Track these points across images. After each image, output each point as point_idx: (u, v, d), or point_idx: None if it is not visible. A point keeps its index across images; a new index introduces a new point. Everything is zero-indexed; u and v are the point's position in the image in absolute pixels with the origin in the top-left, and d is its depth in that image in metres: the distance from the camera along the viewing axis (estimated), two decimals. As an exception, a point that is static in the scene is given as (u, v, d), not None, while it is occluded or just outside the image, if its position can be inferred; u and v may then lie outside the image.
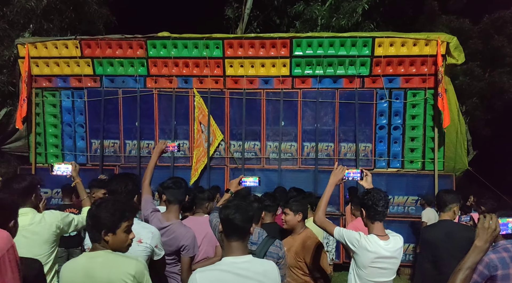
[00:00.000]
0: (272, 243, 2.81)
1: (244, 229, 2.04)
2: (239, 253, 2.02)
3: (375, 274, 2.71)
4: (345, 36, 6.91)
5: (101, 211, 2.03)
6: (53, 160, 7.58)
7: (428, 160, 6.95)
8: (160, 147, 3.48)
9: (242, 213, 2.03)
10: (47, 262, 2.60)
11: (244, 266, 1.99)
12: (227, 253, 2.05)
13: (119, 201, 2.14)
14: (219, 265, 2.03)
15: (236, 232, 2.03)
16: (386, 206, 2.74)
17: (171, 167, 7.25)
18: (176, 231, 2.93)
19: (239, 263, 1.99)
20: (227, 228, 2.06)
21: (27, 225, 2.54)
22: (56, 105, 7.56)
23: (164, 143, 3.49)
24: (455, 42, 6.61)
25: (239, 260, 2.00)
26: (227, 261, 2.01)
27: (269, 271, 2.03)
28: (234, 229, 2.03)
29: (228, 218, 2.03)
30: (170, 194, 3.05)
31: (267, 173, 7.11)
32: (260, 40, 6.94)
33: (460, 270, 1.80)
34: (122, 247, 2.08)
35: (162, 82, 7.31)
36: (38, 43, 7.26)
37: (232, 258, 2.01)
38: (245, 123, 7.22)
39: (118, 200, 2.16)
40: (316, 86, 7.05)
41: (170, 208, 3.07)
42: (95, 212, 2.05)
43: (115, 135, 7.50)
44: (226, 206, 2.14)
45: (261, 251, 2.74)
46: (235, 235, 2.03)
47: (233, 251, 2.03)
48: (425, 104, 6.90)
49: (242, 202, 2.11)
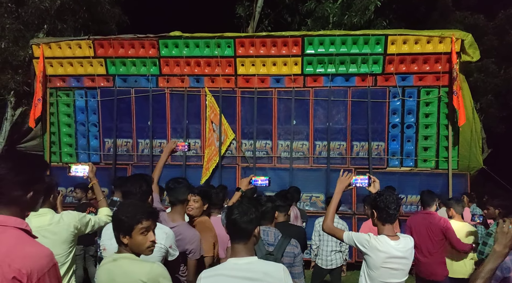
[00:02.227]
0: (288, 243, 2.83)
1: (246, 231, 2.04)
2: (242, 254, 2.03)
3: (387, 275, 2.70)
4: (358, 34, 6.85)
5: (119, 214, 2.07)
6: (67, 159, 7.69)
7: (442, 159, 6.87)
8: (171, 146, 3.51)
9: (244, 215, 2.04)
10: (66, 261, 2.64)
11: (245, 267, 1.99)
12: (232, 254, 2.07)
13: (135, 204, 2.17)
14: (222, 266, 2.06)
15: (239, 234, 2.04)
16: (398, 209, 2.74)
17: (183, 166, 7.29)
18: (183, 233, 2.93)
19: (241, 264, 2.00)
20: (231, 230, 2.08)
21: (47, 225, 2.59)
22: (70, 104, 7.66)
23: (175, 142, 3.53)
24: (470, 39, 6.51)
25: (242, 261, 2.01)
26: (230, 262, 2.03)
27: (272, 271, 2.01)
28: (237, 231, 2.05)
29: (231, 220, 2.06)
30: (171, 194, 3.06)
31: (278, 172, 7.10)
32: (272, 39, 6.93)
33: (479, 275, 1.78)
34: (142, 250, 2.09)
35: (174, 82, 7.35)
36: (52, 43, 7.35)
37: (235, 259, 2.02)
38: (257, 122, 7.22)
39: (135, 203, 2.18)
40: (328, 84, 7.01)
41: (174, 209, 3.08)
42: (114, 215, 2.10)
43: (128, 135, 7.56)
44: (230, 208, 2.17)
45: (278, 251, 2.75)
46: (238, 237, 2.05)
47: (237, 252, 2.04)
48: (439, 102, 6.81)
49: (246, 204, 2.11)
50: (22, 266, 1.42)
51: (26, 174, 1.58)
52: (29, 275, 1.42)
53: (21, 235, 1.52)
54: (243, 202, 2.18)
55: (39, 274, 1.45)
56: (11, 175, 1.53)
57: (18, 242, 1.48)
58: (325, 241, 5.17)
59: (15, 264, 1.41)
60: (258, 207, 2.18)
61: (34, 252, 1.48)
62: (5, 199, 1.53)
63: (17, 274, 1.40)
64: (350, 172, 3.13)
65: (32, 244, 1.52)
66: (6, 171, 1.53)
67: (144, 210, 2.13)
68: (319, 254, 5.24)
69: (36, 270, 1.44)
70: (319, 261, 5.23)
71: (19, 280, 1.41)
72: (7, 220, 1.51)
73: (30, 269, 1.42)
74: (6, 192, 1.53)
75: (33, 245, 1.52)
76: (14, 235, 1.50)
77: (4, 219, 1.51)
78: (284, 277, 2.02)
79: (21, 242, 1.49)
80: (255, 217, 2.08)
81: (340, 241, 5.05)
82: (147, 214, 2.11)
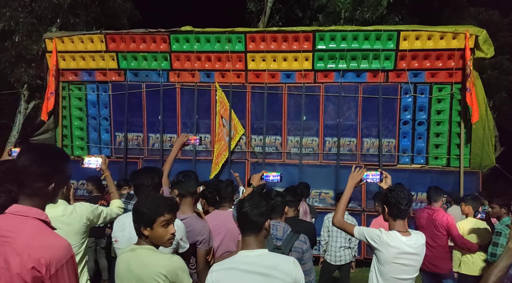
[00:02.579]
0: (297, 238, 2.83)
1: (257, 223, 2.06)
2: (253, 247, 2.05)
3: (398, 270, 2.69)
4: (370, 29, 6.79)
5: (140, 207, 2.10)
6: (78, 152, 7.78)
7: (454, 156, 6.80)
8: (182, 139, 3.49)
9: (255, 208, 2.06)
10: (78, 252, 2.68)
11: (254, 260, 2.00)
12: (243, 246, 2.10)
13: (157, 197, 2.20)
14: (233, 259, 2.08)
15: (250, 227, 2.07)
16: (409, 205, 2.72)
17: (193, 160, 7.32)
18: (193, 224, 2.96)
19: (251, 256, 2.02)
20: (242, 222, 2.10)
21: (60, 216, 2.63)
22: (82, 98, 7.74)
23: (186, 135, 3.52)
24: (484, 35, 6.41)
25: (252, 254, 2.03)
26: (241, 254, 2.06)
27: (281, 264, 2.02)
28: (248, 224, 2.07)
29: (242, 212, 2.08)
30: (181, 187, 3.10)
31: (287, 168, 7.10)
32: (282, 34, 6.90)
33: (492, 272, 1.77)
34: (162, 242, 2.13)
35: (185, 76, 7.37)
36: (65, 37, 7.43)
37: (246, 252, 2.05)
38: (267, 118, 7.22)
39: (157, 196, 2.22)
40: (339, 80, 6.97)
41: (184, 201, 3.11)
42: (135, 207, 2.12)
43: (139, 129, 7.63)
44: (241, 201, 2.19)
45: (286, 246, 2.76)
46: (249, 230, 2.07)
47: (247, 245, 2.07)
48: (451, 99, 6.74)
49: (257, 197, 2.14)
50: (42, 256, 1.45)
51: (48, 165, 1.60)
52: (47, 266, 1.45)
53: (41, 226, 1.55)
54: (254, 195, 2.20)
55: (57, 264, 1.48)
56: (34, 166, 1.56)
57: (38, 233, 1.51)
58: (334, 237, 5.17)
59: (35, 254, 1.44)
60: (269, 200, 2.18)
61: (53, 243, 1.51)
62: (28, 189, 1.56)
63: (36, 264, 1.44)
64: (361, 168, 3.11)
65: (52, 235, 1.55)
66: (29, 162, 1.55)
67: (167, 203, 2.17)
68: (328, 250, 5.24)
69: (55, 261, 1.47)
70: (328, 257, 5.23)
71: (38, 270, 1.44)
72: (28, 211, 1.54)
73: (49, 260, 1.45)
74: (29, 183, 1.55)
75: (52, 236, 1.55)
76: (34, 226, 1.53)
77: (25, 210, 1.54)
78: (294, 269, 2.03)
79: (41, 233, 1.52)
80: (266, 210, 2.10)
81: (349, 238, 5.08)
82: (169, 207, 2.14)
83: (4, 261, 1.44)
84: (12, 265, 1.43)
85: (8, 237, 1.47)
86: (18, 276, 1.43)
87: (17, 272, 1.43)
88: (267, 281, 1.97)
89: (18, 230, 1.49)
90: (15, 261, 1.43)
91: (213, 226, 3.48)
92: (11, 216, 1.53)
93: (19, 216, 1.53)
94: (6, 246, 1.46)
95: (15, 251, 1.44)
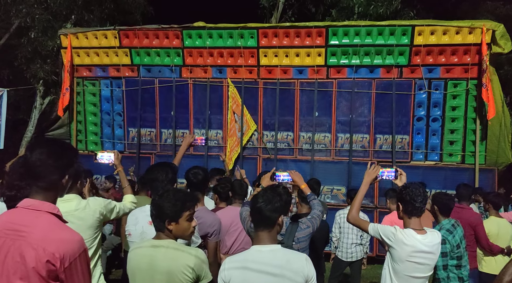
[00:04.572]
0: (297, 228, 2.81)
1: (271, 218, 2.08)
2: (266, 242, 2.07)
3: (412, 269, 2.67)
4: (383, 24, 6.71)
5: (164, 201, 2.11)
6: (92, 147, 7.89)
7: (469, 153, 6.69)
8: (188, 139, 3.64)
9: (269, 203, 2.09)
10: (91, 246, 2.72)
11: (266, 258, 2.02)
12: (255, 242, 2.12)
13: (181, 191, 2.23)
14: (245, 255, 2.09)
15: (264, 221, 2.09)
16: (424, 202, 2.69)
17: (205, 156, 7.36)
18: (203, 217, 3.00)
19: (264, 251, 2.04)
20: (256, 217, 2.13)
21: (73, 211, 2.66)
22: (96, 94, 7.82)
23: (193, 136, 3.66)
24: (501, 29, 6.27)
25: (265, 249, 2.05)
26: (254, 249, 2.08)
27: (293, 261, 2.03)
28: (262, 219, 2.09)
29: (256, 208, 2.11)
30: (190, 182, 3.19)
31: (299, 164, 7.08)
32: (295, 29, 6.86)
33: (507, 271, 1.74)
34: (185, 235, 2.18)
35: (197, 72, 7.39)
36: (79, 33, 7.51)
37: (259, 247, 2.07)
38: (278, 114, 7.20)
39: (180, 190, 2.24)
40: (352, 76, 6.91)
41: None
42: (158, 202, 2.13)
43: (152, 124, 7.69)
44: (255, 196, 2.23)
45: (288, 238, 2.76)
46: (263, 225, 2.09)
47: (260, 240, 2.09)
48: (467, 95, 6.62)
49: (270, 193, 2.16)
50: (56, 250, 1.47)
51: (64, 158, 1.63)
52: (62, 259, 1.47)
53: (54, 220, 1.57)
54: (267, 190, 2.22)
55: (71, 258, 1.50)
56: (51, 159, 1.58)
57: (52, 227, 1.54)
58: (345, 233, 5.15)
59: (49, 248, 1.47)
60: (283, 196, 2.19)
61: (66, 237, 1.54)
62: (44, 182, 1.58)
63: (51, 258, 1.46)
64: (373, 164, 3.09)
65: (65, 229, 1.58)
66: (46, 156, 1.58)
67: (191, 197, 2.22)
68: (339, 246, 5.23)
69: (69, 255, 1.50)
70: (339, 253, 5.21)
71: (52, 263, 1.46)
72: (41, 205, 1.56)
73: (63, 254, 1.48)
74: (47, 175, 1.58)
75: (65, 230, 1.57)
76: (48, 220, 1.55)
77: (38, 204, 1.56)
78: (307, 266, 2.04)
79: (54, 227, 1.55)
80: (280, 205, 2.12)
81: (360, 234, 5.06)
82: (194, 201, 2.21)
83: (19, 255, 1.47)
84: (28, 259, 1.46)
85: (23, 232, 1.49)
86: (33, 270, 1.45)
87: (32, 266, 1.45)
88: (278, 282, 1.98)
89: (32, 224, 1.51)
90: (30, 255, 1.46)
91: (228, 221, 3.52)
92: (24, 210, 1.55)
93: (33, 210, 1.55)
94: (21, 240, 1.48)
95: (30, 245, 1.47)
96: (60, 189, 1.65)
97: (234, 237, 3.55)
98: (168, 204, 2.09)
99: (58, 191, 1.65)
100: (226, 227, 3.49)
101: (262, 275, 1.99)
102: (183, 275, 2.04)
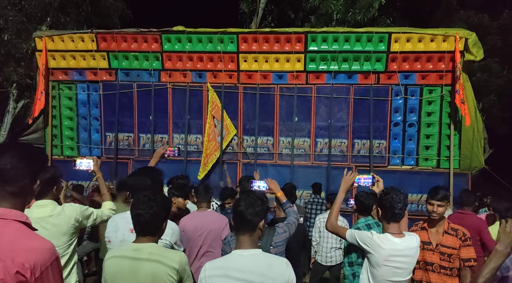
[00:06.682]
0: (274, 233, 2.80)
1: (252, 222, 2.09)
2: (247, 246, 2.08)
3: (390, 273, 2.68)
4: (361, 31, 6.82)
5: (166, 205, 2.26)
6: (68, 152, 7.70)
7: (444, 158, 6.86)
8: (160, 151, 3.77)
9: (251, 207, 2.10)
10: (65, 254, 2.64)
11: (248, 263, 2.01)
12: (237, 246, 2.12)
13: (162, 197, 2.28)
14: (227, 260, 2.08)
15: (245, 226, 2.10)
16: (403, 208, 2.72)
17: (184, 161, 7.29)
18: None
19: (246, 256, 2.04)
20: (237, 221, 2.13)
21: (47, 217, 2.59)
22: (72, 98, 7.66)
23: (164, 147, 3.73)
24: (473, 38, 6.48)
25: (247, 253, 2.05)
26: (236, 253, 2.07)
27: (274, 266, 2.03)
28: (243, 223, 2.10)
29: (237, 211, 2.12)
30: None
31: (279, 169, 7.11)
32: (275, 35, 6.90)
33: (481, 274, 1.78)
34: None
35: (176, 77, 7.33)
36: (55, 36, 7.34)
37: (241, 251, 2.07)
38: (258, 119, 7.21)
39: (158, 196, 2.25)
40: (330, 82, 7.00)
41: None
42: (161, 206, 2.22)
43: (130, 129, 7.57)
44: (237, 199, 2.24)
45: (266, 243, 2.76)
46: (244, 229, 2.10)
47: (242, 244, 2.09)
48: (442, 101, 6.80)
49: (253, 197, 2.17)
50: (25, 261, 1.40)
51: (35, 163, 1.57)
52: (32, 269, 1.41)
53: (22, 229, 1.49)
54: (250, 194, 2.23)
55: (42, 267, 1.44)
56: (23, 164, 1.51)
57: (20, 236, 1.46)
58: (325, 237, 5.18)
59: (18, 258, 1.39)
60: (265, 200, 2.20)
61: (36, 246, 1.47)
62: (14, 187, 1.51)
63: (21, 269, 1.39)
64: (351, 169, 3.12)
65: (34, 238, 1.50)
66: (17, 159, 1.51)
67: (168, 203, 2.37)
68: (319, 251, 5.25)
69: (39, 264, 1.43)
70: (318, 257, 5.24)
71: (22, 274, 1.39)
72: (8, 213, 1.48)
73: (33, 263, 1.41)
74: (18, 180, 1.51)
75: (35, 239, 1.50)
76: (15, 229, 1.47)
77: (4, 212, 1.48)
78: (287, 270, 2.05)
79: (23, 235, 1.47)
80: (261, 209, 2.13)
81: (340, 238, 5.09)
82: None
83: None
84: None
85: None
86: (2, 282, 1.39)
87: (1, 278, 1.38)
88: None
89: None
90: None
91: (194, 226, 3.50)
92: None
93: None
94: None
95: None
96: (31, 195, 1.59)
97: (201, 242, 3.53)
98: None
99: (27, 197, 1.58)
100: (191, 233, 3.49)
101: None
102: (168, 277, 2.05)
